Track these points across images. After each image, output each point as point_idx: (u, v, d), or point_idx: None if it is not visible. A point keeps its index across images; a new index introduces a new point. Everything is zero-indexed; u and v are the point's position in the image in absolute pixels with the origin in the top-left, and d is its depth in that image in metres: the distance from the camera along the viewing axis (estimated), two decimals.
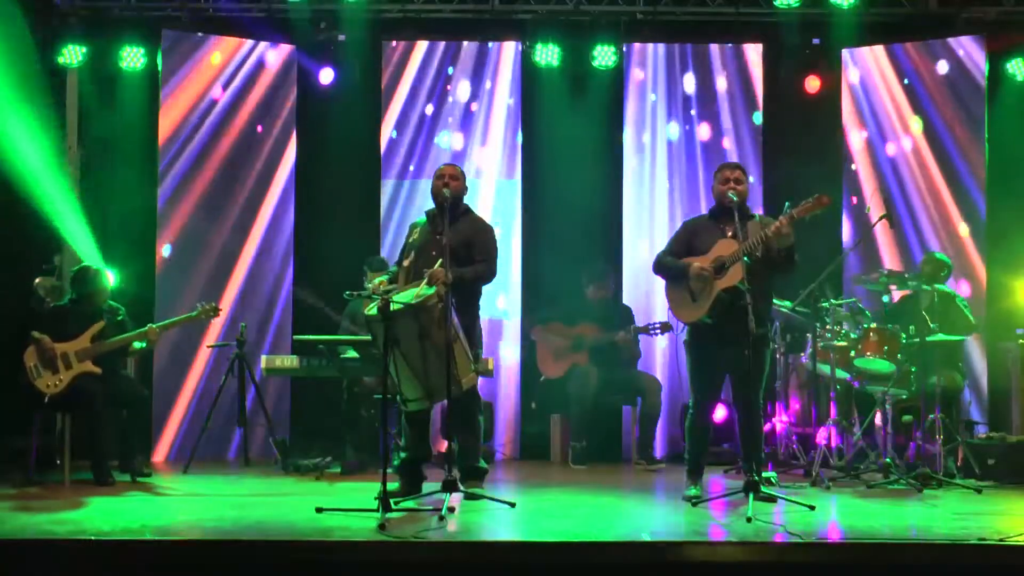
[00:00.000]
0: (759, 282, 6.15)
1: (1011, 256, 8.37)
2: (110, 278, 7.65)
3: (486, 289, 6.58)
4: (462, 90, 9.08)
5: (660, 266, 6.56)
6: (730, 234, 6.26)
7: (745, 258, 6.04)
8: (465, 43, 9.09)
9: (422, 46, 9.07)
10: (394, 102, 9.01)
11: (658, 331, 8.21)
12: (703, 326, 6.32)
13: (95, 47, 8.51)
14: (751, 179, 6.26)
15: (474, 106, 9.06)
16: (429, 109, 9.05)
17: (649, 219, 9.03)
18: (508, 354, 8.90)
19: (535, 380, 8.67)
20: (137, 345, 7.25)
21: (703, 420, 6.48)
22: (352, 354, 7.40)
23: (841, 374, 7.37)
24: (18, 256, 8.13)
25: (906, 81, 8.79)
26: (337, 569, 4.83)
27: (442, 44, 9.08)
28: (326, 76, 8.88)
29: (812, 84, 8.96)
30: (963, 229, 8.59)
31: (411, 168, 9.02)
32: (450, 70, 9.08)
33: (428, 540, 5.00)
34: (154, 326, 7.21)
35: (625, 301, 8.77)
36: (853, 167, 8.93)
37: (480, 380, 6.71)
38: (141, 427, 7.76)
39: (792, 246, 6.18)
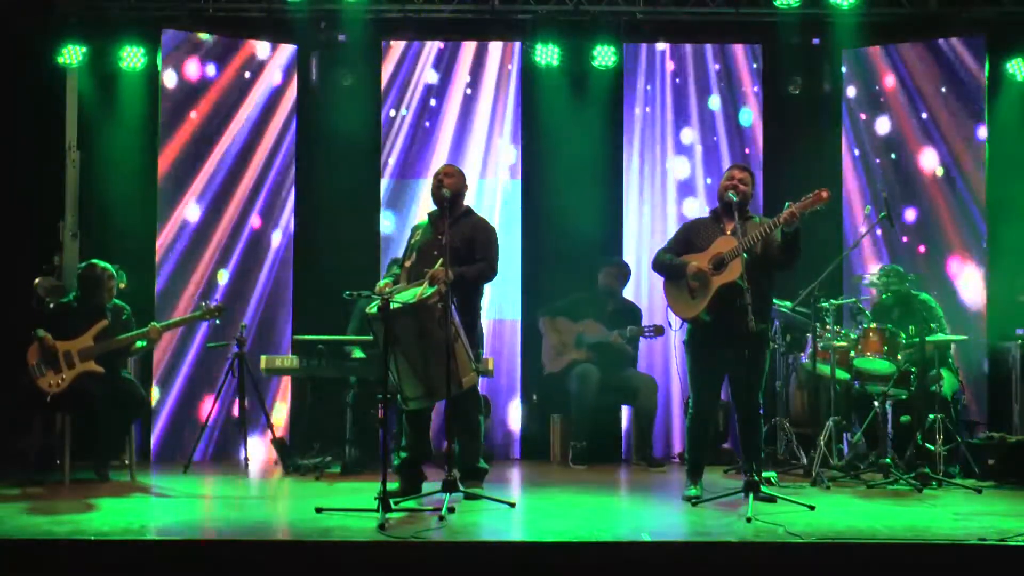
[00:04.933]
0: (759, 280, 6.15)
1: (1011, 256, 8.37)
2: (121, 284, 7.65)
3: (493, 290, 6.59)
4: (462, 90, 9.07)
5: (659, 264, 6.55)
6: (729, 231, 6.27)
7: (744, 254, 6.04)
8: (465, 43, 9.08)
9: (422, 46, 9.07)
10: (394, 101, 9.02)
11: (651, 334, 8.24)
12: (702, 324, 6.31)
13: (95, 47, 8.50)
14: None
15: (474, 106, 9.06)
16: (429, 109, 9.05)
17: (649, 219, 9.03)
18: (509, 354, 8.90)
19: (536, 376, 8.67)
20: (138, 344, 7.24)
21: (703, 420, 6.48)
22: (359, 355, 7.42)
23: (841, 374, 7.37)
24: (18, 256, 8.12)
25: (906, 81, 8.79)
26: (337, 569, 4.83)
27: (442, 44, 9.08)
28: (325, 77, 8.89)
29: (811, 84, 8.95)
30: (963, 229, 8.59)
31: (412, 168, 9.02)
32: (450, 70, 9.07)
33: (428, 540, 5.01)
34: (156, 325, 7.20)
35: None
36: (852, 167, 8.94)
37: (481, 379, 6.73)
38: (141, 428, 7.75)
39: (798, 232, 6.13)
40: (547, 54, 8.84)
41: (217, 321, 7.60)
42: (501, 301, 8.84)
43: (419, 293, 5.89)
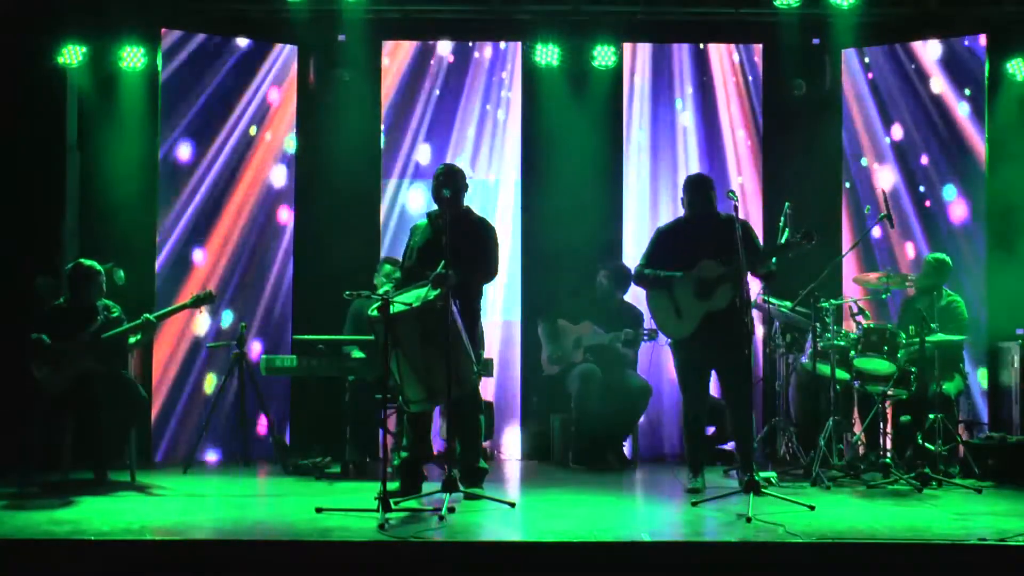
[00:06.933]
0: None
1: (1011, 256, 8.37)
2: (118, 281, 7.66)
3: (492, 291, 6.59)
4: (462, 90, 9.06)
5: (642, 279, 6.77)
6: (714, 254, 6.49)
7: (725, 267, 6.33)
8: (465, 43, 9.08)
9: (422, 46, 9.06)
10: (394, 102, 9.02)
11: (645, 338, 8.24)
12: (688, 339, 6.63)
13: (95, 47, 8.50)
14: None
15: (474, 106, 9.05)
16: (430, 109, 9.05)
17: (649, 220, 9.02)
18: (509, 355, 8.90)
19: (537, 377, 8.67)
20: (131, 339, 7.22)
21: (696, 415, 6.72)
22: (359, 354, 7.44)
23: (841, 374, 7.37)
24: (18, 256, 8.12)
25: (905, 80, 8.78)
26: (337, 569, 4.83)
27: (442, 44, 9.08)
28: (325, 77, 8.89)
29: (811, 84, 8.95)
30: (963, 229, 8.59)
31: (411, 168, 9.02)
32: (449, 70, 9.07)
33: (428, 540, 5.01)
34: (150, 317, 7.19)
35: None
36: (856, 165, 8.95)
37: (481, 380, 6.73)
38: (141, 428, 7.73)
39: (772, 272, 6.64)
40: (547, 54, 8.84)
41: (209, 309, 7.56)
42: (501, 302, 8.84)
43: (422, 296, 5.89)
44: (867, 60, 8.88)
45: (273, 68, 8.91)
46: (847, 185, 8.86)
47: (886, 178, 8.72)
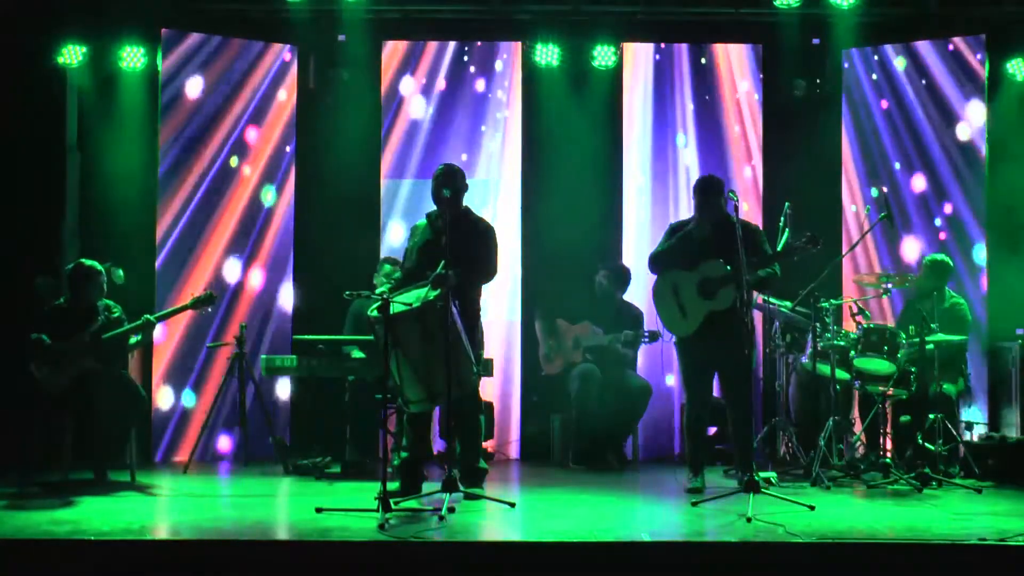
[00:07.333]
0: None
1: (1012, 256, 8.37)
2: (117, 280, 7.67)
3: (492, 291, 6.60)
4: (462, 90, 9.06)
5: (657, 258, 6.79)
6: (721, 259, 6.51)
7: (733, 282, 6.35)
8: (464, 43, 9.08)
9: (422, 46, 9.06)
10: (395, 102, 9.02)
11: (646, 339, 8.24)
12: (692, 336, 6.66)
13: (95, 47, 8.50)
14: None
15: (473, 106, 9.04)
16: (431, 109, 9.05)
17: (649, 220, 9.02)
18: (509, 355, 8.90)
19: (537, 377, 8.67)
20: (132, 340, 7.22)
21: (698, 415, 6.77)
22: (359, 354, 7.44)
23: (841, 374, 7.37)
24: (18, 256, 8.12)
25: (905, 80, 8.78)
26: (337, 569, 4.84)
27: (441, 44, 9.07)
28: (325, 77, 8.91)
29: (811, 84, 8.94)
30: (963, 229, 8.58)
31: (411, 168, 9.02)
32: (449, 70, 9.06)
33: (428, 540, 5.01)
34: (150, 318, 7.19)
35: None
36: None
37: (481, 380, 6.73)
38: (141, 428, 7.73)
39: (767, 278, 6.67)
40: (547, 54, 8.84)
41: (208, 309, 7.57)
42: (501, 302, 8.84)
43: (422, 296, 5.89)
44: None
45: (272, 68, 8.90)
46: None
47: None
